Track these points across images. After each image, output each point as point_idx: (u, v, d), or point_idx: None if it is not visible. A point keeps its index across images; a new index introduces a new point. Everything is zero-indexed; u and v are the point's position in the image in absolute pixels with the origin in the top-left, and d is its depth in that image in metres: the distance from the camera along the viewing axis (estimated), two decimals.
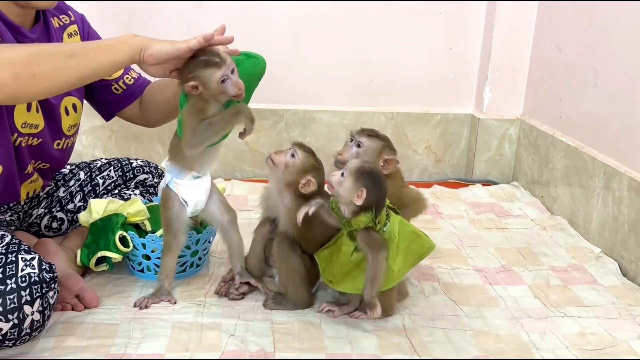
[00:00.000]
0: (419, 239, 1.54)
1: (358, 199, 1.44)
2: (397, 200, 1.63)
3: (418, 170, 2.81)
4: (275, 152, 1.57)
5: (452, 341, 1.50)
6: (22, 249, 1.38)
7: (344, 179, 1.46)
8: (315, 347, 1.45)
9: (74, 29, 1.70)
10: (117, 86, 1.78)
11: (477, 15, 2.69)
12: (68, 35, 1.68)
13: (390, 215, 1.52)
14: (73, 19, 1.71)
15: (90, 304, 1.57)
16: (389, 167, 1.63)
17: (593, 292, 1.76)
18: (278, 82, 2.69)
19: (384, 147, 1.63)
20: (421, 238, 1.54)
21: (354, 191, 1.45)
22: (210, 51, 1.46)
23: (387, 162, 1.62)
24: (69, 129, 1.70)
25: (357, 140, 1.63)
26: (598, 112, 2.17)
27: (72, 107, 1.70)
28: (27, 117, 1.55)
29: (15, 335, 1.33)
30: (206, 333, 1.48)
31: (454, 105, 2.81)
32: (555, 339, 1.52)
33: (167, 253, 1.60)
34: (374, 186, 1.45)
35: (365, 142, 1.62)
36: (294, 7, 2.62)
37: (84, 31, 1.73)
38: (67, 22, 1.69)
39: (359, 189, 1.44)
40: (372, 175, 1.46)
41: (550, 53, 2.48)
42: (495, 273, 1.85)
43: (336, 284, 1.53)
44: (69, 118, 1.69)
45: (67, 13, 1.70)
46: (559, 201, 2.33)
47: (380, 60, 2.72)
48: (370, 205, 1.45)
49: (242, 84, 1.46)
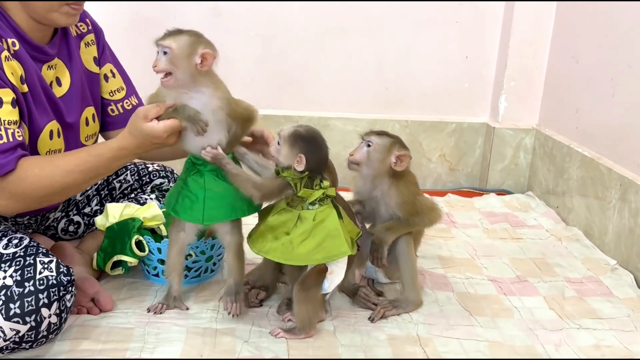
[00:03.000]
0: (337, 238, 1.45)
1: (298, 164, 1.44)
2: (410, 207, 1.63)
3: (432, 178, 2.80)
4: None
5: (466, 351, 1.49)
6: (41, 252, 1.40)
7: (280, 147, 1.46)
8: (329, 355, 1.45)
9: (91, 38, 1.69)
10: (114, 107, 1.74)
11: (493, 24, 2.69)
12: (85, 45, 1.67)
13: (325, 203, 1.48)
14: (90, 27, 1.69)
15: (105, 307, 1.58)
16: (402, 164, 1.62)
17: (608, 304, 1.75)
18: (293, 89, 2.71)
19: (394, 144, 1.63)
20: (339, 238, 1.45)
21: (293, 157, 1.44)
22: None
23: (399, 158, 1.61)
24: (87, 139, 1.67)
25: (366, 140, 1.64)
26: (615, 123, 2.16)
27: (92, 118, 1.68)
28: (51, 145, 1.52)
29: (32, 338, 1.34)
30: (220, 339, 1.49)
31: (468, 114, 2.80)
32: (570, 351, 1.51)
33: (170, 247, 1.60)
34: (311, 149, 1.44)
35: (375, 140, 1.63)
36: (311, 15, 2.63)
37: (99, 43, 1.71)
38: (85, 30, 1.68)
39: (296, 155, 1.44)
40: (307, 139, 1.45)
41: (567, 63, 2.47)
42: (510, 283, 1.84)
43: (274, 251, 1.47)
44: (88, 128, 1.67)
45: (85, 21, 1.68)
46: (574, 212, 2.32)
47: (395, 68, 2.72)
48: (311, 170, 1.44)
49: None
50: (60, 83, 1.57)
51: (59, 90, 1.56)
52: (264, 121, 2.69)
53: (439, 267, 1.94)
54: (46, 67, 1.52)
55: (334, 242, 1.45)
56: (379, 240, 1.61)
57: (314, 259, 1.45)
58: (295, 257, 1.45)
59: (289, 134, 1.46)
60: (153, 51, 1.42)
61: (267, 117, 2.68)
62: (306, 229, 1.45)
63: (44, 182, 1.39)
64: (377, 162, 1.62)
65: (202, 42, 1.41)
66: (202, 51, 1.40)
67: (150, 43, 1.42)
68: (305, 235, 1.45)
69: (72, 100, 1.58)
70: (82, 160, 1.43)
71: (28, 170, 1.38)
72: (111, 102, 1.74)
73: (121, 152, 1.44)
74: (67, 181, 1.42)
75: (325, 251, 1.45)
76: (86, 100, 1.64)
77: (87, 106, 1.65)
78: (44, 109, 1.50)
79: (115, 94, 1.74)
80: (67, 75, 1.58)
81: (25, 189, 1.38)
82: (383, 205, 1.65)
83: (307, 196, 1.46)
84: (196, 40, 1.41)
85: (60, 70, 1.57)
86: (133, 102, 1.78)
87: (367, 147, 1.63)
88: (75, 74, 1.60)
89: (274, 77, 2.70)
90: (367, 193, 1.67)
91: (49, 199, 1.47)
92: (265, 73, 2.68)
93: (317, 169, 1.46)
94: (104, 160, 1.44)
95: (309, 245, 1.44)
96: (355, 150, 1.65)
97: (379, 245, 1.61)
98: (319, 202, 1.47)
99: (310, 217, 1.46)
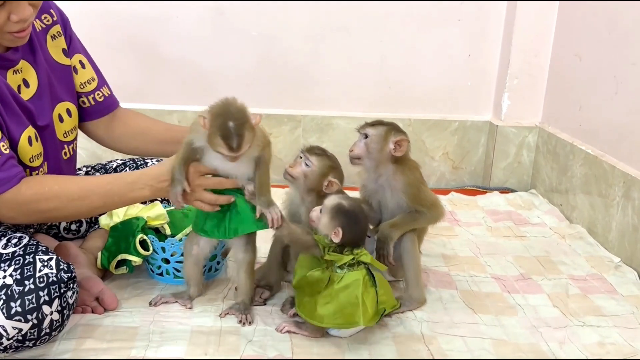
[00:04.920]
0: (356, 308, 1.43)
1: (335, 236, 1.45)
2: (415, 190, 1.64)
3: (435, 177, 2.80)
4: (290, 166, 1.58)
5: (470, 349, 1.49)
6: (40, 250, 1.40)
7: (322, 215, 1.47)
8: (333, 353, 1.45)
9: (57, 29, 1.63)
10: (85, 100, 1.72)
11: (496, 22, 2.68)
12: (52, 38, 1.62)
13: (357, 268, 1.47)
14: (55, 18, 1.63)
15: (109, 306, 1.58)
16: (401, 149, 1.62)
17: (612, 302, 1.74)
18: (296, 88, 2.71)
19: (390, 131, 1.63)
20: (357, 308, 1.43)
21: (331, 229, 1.45)
22: (240, 133, 1.39)
23: (398, 143, 1.61)
24: (65, 135, 1.63)
25: (363, 133, 1.64)
26: (618, 120, 2.15)
27: (67, 112, 1.63)
28: (32, 151, 1.49)
29: (35, 336, 1.34)
30: (225, 337, 1.49)
31: (472, 112, 2.80)
32: (574, 349, 1.51)
33: (185, 259, 1.63)
34: (350, 225, 1.45)
35: (370, 132, 1.63)
36: (314, 14, 2.63)
37: (66, 33, 1.66)
38: (50, 22, 1.61)
39: (335, 227, 1.45)
40: (348, 214, 1.46)
41: (570, 61, 2.47)
42: (514, 281, 1.84)
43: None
44: (63, 124, 1.62)
45: (49, 12, 1.62)
46: (577, 210, 2.32)
47: (398, 66, 2.72)
48: (347, 243, 1.46)
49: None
50: (27, 84, 1.52)
51: (27, 92, 1.52)
52: (267, 120, 2.69)
53: (443, 265, 1.94)
54: (11, 72, 1.48)
55: (353, 310, 1.43)
56: (385, 237, 1.62)
57: (334, 323, 1.45)
58: (317, 318, 1.46)
59: (332, 205, 1.47)
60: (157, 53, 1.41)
61: (270, 117, 2.68)
62: (330, 292, 1.46)
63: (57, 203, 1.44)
64: (377, 152, 1.62)
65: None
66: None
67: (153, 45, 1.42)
68: (328, 298, 1.45)
69: (42, 99, 1.55)
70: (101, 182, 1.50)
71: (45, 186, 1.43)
72: (82, 95, 1.71)
73: (142, 178, 1.48)
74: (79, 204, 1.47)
75: (344, 317, 1.44)
76: (56, 97, 1.60)
77: (59, 102, 1.61)
78: (18, 118, 1.46)
79: (86, 86, 1.70)
80: (33, 74, 1.54)
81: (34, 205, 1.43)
82: (389, 192, 1.65)
83: (335, 260, 1.46)
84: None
85: (26, 71, 1.52)
86: (105, 92, 1.75)
87: (364, 140, 1.63)
88: (41, 71, 1.55)
89: (277, 76, 2.70)
90: (373, 183, 1.68)
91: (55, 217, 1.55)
92: (268, 72, 2.68)
93: (353, 243, 1.47)
94: (122, 186, 1.48)
95: (330, 308, 1.45)
96: (354, 145, 1.65)
97: (384, 243, 1.61)
98: (348, 267, 1.46)
99: (336, 280, 1.46)
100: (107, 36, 2.55)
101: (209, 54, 2.61)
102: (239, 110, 1.39)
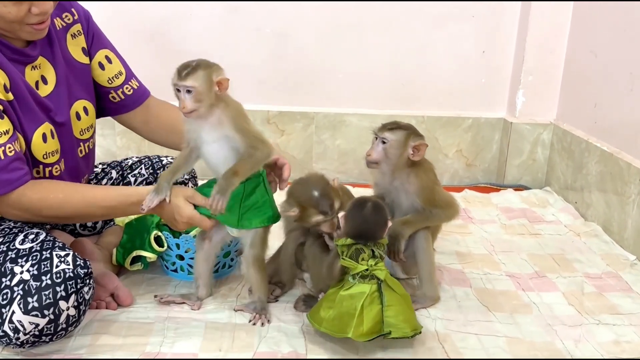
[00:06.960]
0: (351, 319, 1.41)
1: (342, 224, 1.51)
2: (429, 193, 1.64)
3: (449, 174, 2.79)
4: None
5: (485, 347, 1.49)
6: (57, 246, 1.41)
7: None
8: (347, 350, 1.45)
9: (77, 28, 1.63)
10: (114, 95, 1.72)
11: (510, 18, 2.67)
12: (72, 36, 1.63)
13: (369, 281, 1.44)
14: (77, 17, 1.63)
15: (124, 302, 1.60)
16: (419, 154, 1.62)
17: (628, 300, 1.73)
18: (309, 85, 2.71)
19: (409, 135, 1.62)
20: (352, 321, 1.41)
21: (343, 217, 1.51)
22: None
23: (416, 148, 1.61)
24: (81, 132, 1.64)
25: (381, 138, 1.63)
26: (634, 117, 2.13)
27: (84, 110, 1.64)
28: (46, 148, 1.51)
29: (51, 331, 1.36)
30: (239, 333, 1.50)
31: (485, 109, 2.78)
32: (590, 347, 1.50)
33: (196, 254, 1.62)
34: (355, 214, 1.48)
35: (389, 137, 1.62)
36: (327, 11, 2.62)
37: (87, 32, 1.66)
38: (70, 21, 1.62)
39: (344, 215, 1.50)
40: (358, 206, 1.48)
41: (585, 57, 2.45)
42: (529, 279, 1.84)
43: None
44: (80, 122, 1.63)
45: (70, 10, 1.62)
46: (592, 207, 2.30)
47: (411, 63, 2.71)
48: (351, 234, 1.47)
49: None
50: (46, 81, 1.54)
51: (46, 88, 1.53)
52: (279, 117, 2.70)
53: (457, 262, 1.93)
54: (30, 68, 1.49)
55: (348, 321, 1.41)
56: (396, 234, 1.61)
57: (331, 329, 1.44)
58: (317, 319, 1.47)
59: (354, 200, 1.53)
60: (174, 50, 1.42)
61: (283, 114, 2.69)
62: (335, 297, 1.46)
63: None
64: (395, 158, 1.62)
65: (214, 70, 1.43)
66: (218, 79, 1.42)
67: (169, 43, 1.43)
68: (332, 303, 1.46)
69: (60, 96, 1.56)
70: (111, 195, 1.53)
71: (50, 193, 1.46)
72: (111, 90, 1.71)
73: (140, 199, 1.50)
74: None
75: (339, 326, 1.43)
76: (74, 94, 1.61)
77: (76, 100, 1.62)
78: (34, 114, 1.47)
79: (114, 81, 1.71)
80: (52, 72, 1.55)
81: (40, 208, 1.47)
82: (403, 194, 1.65)
83: (349, 267, 1.46)
84: (210, 70, 1.42)
85: (44, 68, 1.54)
86: (134, 85, 1.75)
87: (382, 145, 1.63)
88: (59, 68, 1.56)
89: (290, 74, 2.70)
90: (387, 185, 1.68)
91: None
92: (281, 69, 2.69)
93: (356, 235, 1.47)
94: (126, 205, 1.51)
95: (331, 313, 1.44)
96: (372, 149, 1.64)
97: (395, 239, 1.61)
98: (360, 277, 1.46)
99: (345, 287, 1.46)
100: (125, 33, 2.56)
101: (223, 51, 2.61)
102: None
